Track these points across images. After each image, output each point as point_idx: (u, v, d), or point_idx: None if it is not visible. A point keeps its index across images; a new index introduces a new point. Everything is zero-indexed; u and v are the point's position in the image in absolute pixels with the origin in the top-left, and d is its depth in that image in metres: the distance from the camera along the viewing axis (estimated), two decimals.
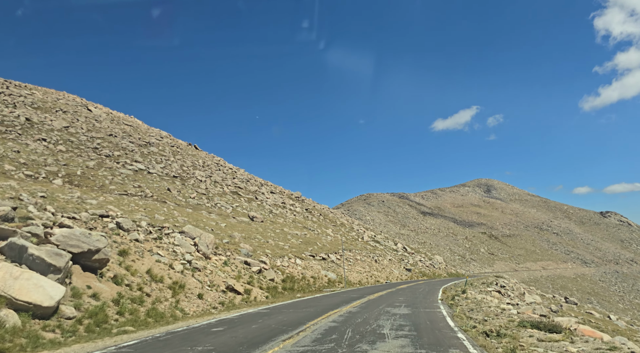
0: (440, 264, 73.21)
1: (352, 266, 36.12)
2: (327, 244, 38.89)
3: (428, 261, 65.66)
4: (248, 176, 74.37)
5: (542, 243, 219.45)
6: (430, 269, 60.67)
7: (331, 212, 76.34)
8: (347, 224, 67.28)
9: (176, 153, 66.79)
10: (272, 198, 63.61)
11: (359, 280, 33.10)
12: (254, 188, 65.67)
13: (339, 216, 73.43)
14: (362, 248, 46.99)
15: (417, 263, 59.03)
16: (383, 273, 41.54)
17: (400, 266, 49.31)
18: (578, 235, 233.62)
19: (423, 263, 61.47)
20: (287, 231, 39.19)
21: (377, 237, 67.91)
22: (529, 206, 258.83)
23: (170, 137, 78.65)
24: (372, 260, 45.25)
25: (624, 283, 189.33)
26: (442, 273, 62.71)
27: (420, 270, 53.71)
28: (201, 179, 57.41)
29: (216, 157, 79.80)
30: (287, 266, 29.08)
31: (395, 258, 52.31)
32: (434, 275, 55.44)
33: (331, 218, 66.53)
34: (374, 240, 61.24)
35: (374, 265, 42.53)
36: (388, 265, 47.21)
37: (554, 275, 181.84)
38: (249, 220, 39.74)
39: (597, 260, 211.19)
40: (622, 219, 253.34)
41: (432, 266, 63.56)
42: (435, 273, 58.64)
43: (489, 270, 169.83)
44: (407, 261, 55.35)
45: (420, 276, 49.53)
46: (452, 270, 75.99)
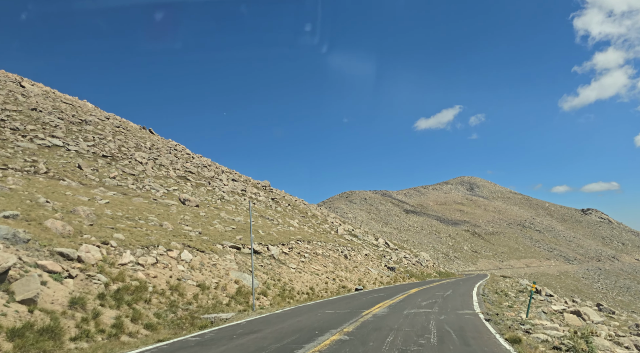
0: (428, 262, 63.33)
1: (305, 263, 23.97)
2: (277, 233, 28.05)
3: (414, 259, 55.58)
4: (208, 162, 63.17)
5: (525, 241, 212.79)
6: (418, 267, 50.60)
7: (304, 204, 65.63)
8: (320, 216, 56.79)
9: (118, 134, 55.28)
10: (231, 185, 52.63)
11: (309, 286, 20.56)
12: (210, 174, 54.57)
13: (312, 208, 62.74)
14: (331, 240, 36.27)
15: (402, 260, 48.78)
16: (354, 273, 29.69)
17: (381, 263, 38.74)
18: (560, 232, 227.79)
19: (409, 261, 51.33)
20: (225, 216, 28.22)
21: (355, 231, 57.56)
22: (511, 203, 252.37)
23: (119, 118, 66.98)
24: (340, 255, 33.07)
25: (607, 280, 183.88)
26: (432, 272, 52.75)
27: (405, 268, 43.39)
28: (141, 161, 46.16)
29: (173, 142, 68.39)
30: (148, 264, 15.96)
31: (375, 255, 41.75)
32: (422, 274, 45.39)
33: (302, 209, 55.89)
34: (350, 234, 50.99)
35: (341, 262, 30.82)
36: (363, 262, 35.35)
37: (537, 272, 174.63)
38: (179, 203, 29.06)
39: (579, 257, 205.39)
40: (603, 217, 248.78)
41: (419, 264, 53.56)
42: (424, 273, 48.57)
43: (472, 267, 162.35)
44: (390, 258, 44.97)
45: (407, 277, 40.11)
46: (441, 269, 66.25)
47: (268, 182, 65.96)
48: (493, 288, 26.79)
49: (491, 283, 37.90)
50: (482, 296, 21.26)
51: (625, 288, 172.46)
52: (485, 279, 43.67)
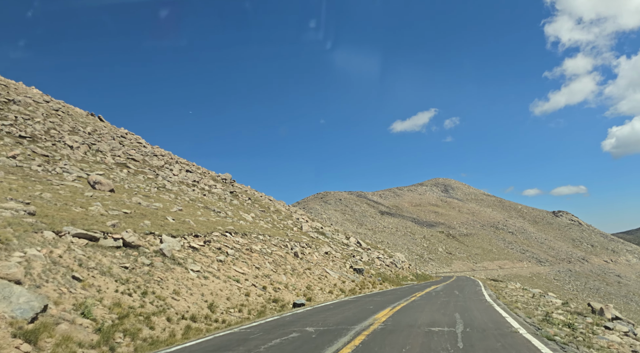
0: (403, 263, 57.61)
1: (223, 264, 16.74)
2: (199, 222, 20.93)
3: (388, 259, 49.68)
4: (161, 152, 55.87)
5: (499, 242, 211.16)
6: (392, 269, 44.64)
7: (269, 200, 58.98)
8: (284, 212, 50.36)
9: (53, 116, 47.57)
10: (182, 175, 45.66)
11: (210, 302, 13.27)
12: (159, 163, 47.43)
13: (277, 204, 56.17)
14: (286, 236, 29.87)
15: (374, 261, 42.54)
16: (303, 278, 22.77)
17: (345, 264, 32.08)
18: (532, 234, 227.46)
19: (382, 262, 45.31)
20: (141, 202, 21.38)
21: (323, 229, 51.37)
22: (485, 205, 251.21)
23: (62, 103, 58.96)
24: (288, 252, 25.38)
25: (577, 281, 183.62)
26: (408, 275, 46.97)
27: (378, 270, 37.08)
28: (70, 145, 38.77)
29: (124, 130, 60.75)
30: None
31: (342, 254, 35.27)
32: (397, 278, 39.44)
33: (264, 204, 49.33)
34: (317, 231, 44.83)
35: (288, 262, 23.62)
36: (321, 262, 27.66)
37: (510, 274, 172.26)
38: (88, 187, 22.24)
39: (551, 259, 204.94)
40: (573, 219, 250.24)
41: (393, 266, 47.69)
42: (400, 275, 42.67)
43: (446, 269, 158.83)
44: (360, 258, 38.63)
45: (379, 282, 33.40)
46: (417, 271, 60.69)
47: (229, 175, 59.06)
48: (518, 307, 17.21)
49: (495, 291, 29.00)
50: (536, 330, 10.40)
51: (595, 289, 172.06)
52: (480, 287, 34.31)
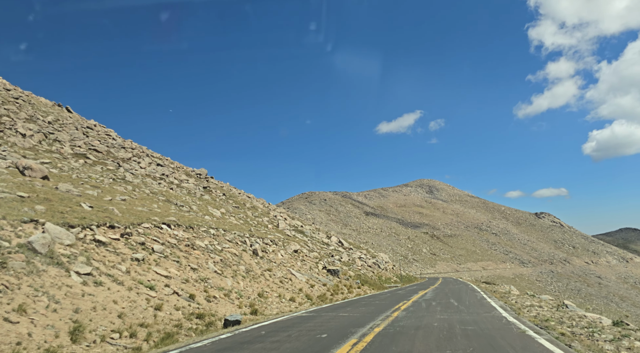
0: (387, 264, 54.72)
1: (142, 264, 13.02)
2: (130, 211, 17.28)
3: (371, 260, 46.65)
4: (131, 145, 52.11)
5: (482, 244, 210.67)
6: (375, 271, 41.53)
7: (248, 197, 55.60)
8: (262, 209, 47.07)
9: (9, 104, 43.53)
10: (150, 168, 42.05)
11: (81, 321, 8.43)
12: (126, 155, 43.76)
13: (255, 201, 52.81)
14: (253, 231, 26.61)
15: (355, 261, 39.20)
16: (258, 281, 18.78)
17: (318, 265, 27.92)
18: (515, 235, 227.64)
19: (364, 262, 42.15)
20: (68, 189, 17.92)
21: (304, 227, 48.22)
22: (469, 206, 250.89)
23: (27, 93, 54.74)
24: (245, 250, 21.33)
25: (559, 282, 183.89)
26: (392, 277, 43.97)
27: (358, 271, 33.64)
28: (23, 133, 34.93)
29: (93, 121, 56.75)
30: None
31: (319, 253, 31.83)
32: (380, 280, 36.33)
33: (239, 201, 45.96)
34: (296, 230, 41.64)
35: (242, 262, 19.68)
36: (287, 262, 23.47)
37: (494, 275, 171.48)
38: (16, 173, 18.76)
39: (533, 260, 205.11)
40: (555, 220, 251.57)
41: (376, 267, 44.66)
42: (383, 277, 39.54)
43: (431, 270, 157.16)
44: (339, 257, 35.36)
45: (357, 286, 29.20)
46: (401, 272, 57.75)
47: (205, 170, 55.51)
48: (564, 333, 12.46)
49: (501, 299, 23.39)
50: None
51: (576, 290, 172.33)
52: (480, 293, 28.51)
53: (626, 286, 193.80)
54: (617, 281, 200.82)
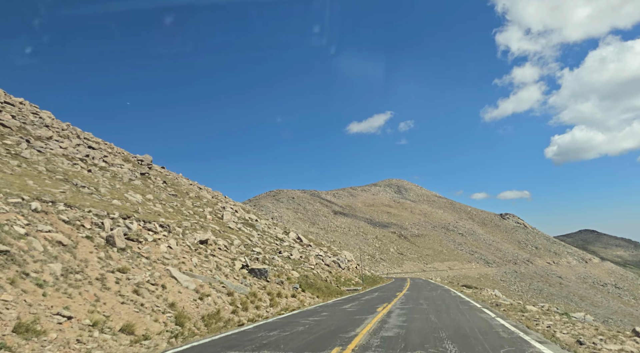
0: (350, 262, 49.64)
1: None
2: None
3: (331, 258, 41.29)
4: (61, 126, 44.93)
5: (449, 243, 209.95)
6: (333, 270, 36.00)
7: (199, 188, 49.32)
8: (209, 199, 41.07)
9: None
10: (72, 149, 35.42)
11: None
12: (47, 134, 36.86)
13: (205, 192, 46.62)
14: (192, 220, 21.05)
15: (308, 259, 32.97)
16: (66, 295, 9.95)
17: (235, 264, 20.27)
18: (481, 235, 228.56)
19: (321, 260, 36.53)
20: None
21: (258, 221, 42.50)
22: (436, 207, 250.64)
23: None
24: (92, 236, 13.47)
25: (522, 282, 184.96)
26: (353, 277, 38.57)
27: (307, 271, 27.14)
28: None
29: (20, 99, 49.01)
30: None
31: (239, 249, 25.08)
32: (337, 281, 30.58)
33: (182, 190, 39.80)
34: (246, 223, 35.91)
35: (65, 258, 11.50)
36: (172, 258, 15.92)
37: (459, 275, 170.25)
38: None
39: (498, 260, 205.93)
40: (519, 221, 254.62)
41: (335, 266, 39.33)
42: (341, 278, 34.01)
43: (398, 270, 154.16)
44: (289, 254, 29.45)
45: (293, 293, 21.79)
46: (367, 271, 52.73)
47: (149, 157, 48.91)
48: None
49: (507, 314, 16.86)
50: None
51: (539, 290, 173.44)
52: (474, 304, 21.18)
53: (585, 286, 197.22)
54: (577, 281, 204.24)
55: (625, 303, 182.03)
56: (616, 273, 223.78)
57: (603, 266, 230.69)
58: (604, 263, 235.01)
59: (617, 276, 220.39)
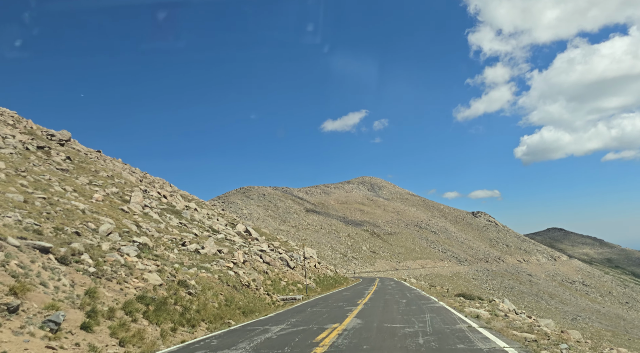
0: (310, 260, 41.61)
1: None
2: None
3: (280, 254, 33.24)
4: None
5: (421, 242, 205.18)
6: (273, 270, 27.65)
7: (131, 173, 40.42)
8: (132, 182, 32.48)
9: None
10: None
11: None
12: None
13: (128, 175, 37.71)
14: None
15: (231, 255, 24.54)
16: None
17: None
18: (453, 233, 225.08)
19: (259, 257, 28.07)
20: None
21: (199, 210, 34.06)
22: (409, 205, 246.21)
23: None
24: None
25: (494, 280, 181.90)
26: (299, 280, 29.71)
27: (217, 272, 19.65)
28: None
29: None
30: None
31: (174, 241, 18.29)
32: (275, 284, 22.76)
33: (89, 168, 31.08)
34: (167, 210, 27.66)
35: None
36: None
37: (432, 273, 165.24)
38: None
39: (470, 259, 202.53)
40: (490, 220, 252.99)
41: (282, 264, 30.93)
42: (282, 281, 25.39)
43: (370, 268, 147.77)
44: (200, 247, 21.73)
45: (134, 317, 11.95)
46: (329, 272, 44.54)
47: (68, 134, 39.66)
48: None
49: None
50: None
51: (510, 288, 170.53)
52: None
53: (554, 284, 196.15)
54: (547, 279, 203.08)
55: (592, 300, 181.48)
56: (583, 270, 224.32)
57: (571, 263, 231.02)
58: (571, 260, 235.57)
59: (584, 273, 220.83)
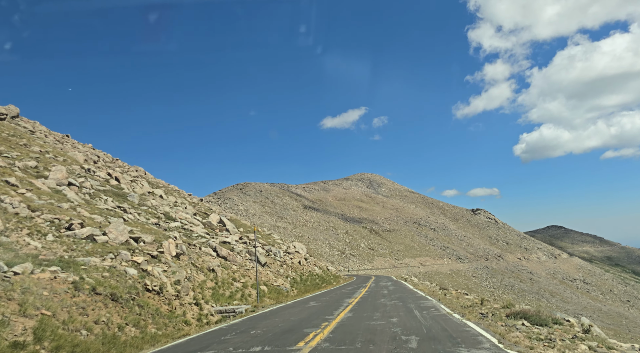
0: (293, 256, 35.57)
1: None
2: None
3: (247, 249, 27.38)
4: None
5: (421, 239, 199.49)
6: (225, 270, 21.81)
7: (71, 145, 34.62)
8: (75, 159, 26.72)
9: None
10: None
11: None
12: None
13: (73, 152, 31.88)
14: None
15: (128, 250, 18.86)
16: None
17: None
18: (453, 231, 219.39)
19: (211, 253, 22.63)
20: None
21: (161, 199, 28.31)
22: (408, 201, 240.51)
23: None
24: None
25: (494, 278, 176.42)
26: (272, 280, 24.11)
27: (100, 278, 13.73)
28: None
29: None
30: None
31: None
32: (216, 291, 17.15)
33: (20, 144, 25.37)
34: (115, 192, 22.03)
35: None
36: None
37: (431, 271, 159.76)
38: None
39: (469, 256, 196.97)
40: (490, 217, 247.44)
41: (247, 261, 25.26)
42: (233, 283, 19.49)
43: (368, 266, 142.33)
44: None
45: None
46: (317, 270, 37.62)
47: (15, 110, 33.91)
48: None
49: None
50: None
51: (510, 286, 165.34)
52: None
53: (555, 282, 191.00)
54: (547, 276, 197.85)
55: (593, 298, 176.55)
56: (584, 268, 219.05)
57: (571, 261, 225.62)
58: (572, 258, 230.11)
59: (585, 271, 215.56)
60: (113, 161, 41.65)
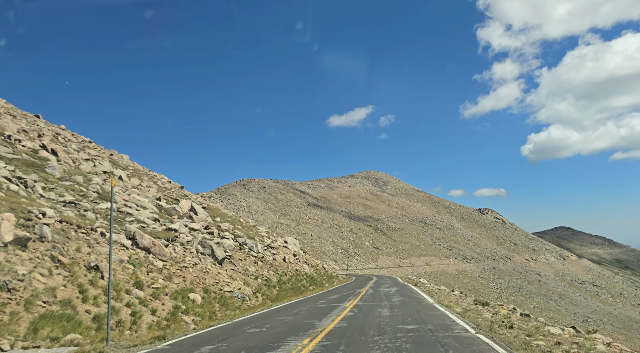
0: (278, 251, 29.74)
1: None
2: None
3: (208, 240, 21.29)
4: None
5: (426, 238, 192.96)
6: (163, 270, 16.37)
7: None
8: (27, 143, 21.36)
9: None
10: None
11: None
12: None
13: (28, 124, 26.54)
14: None
15: None
16: None
17: None
18: (459, 230, 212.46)
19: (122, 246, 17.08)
20: None
21: (121, 181, 22.83)
22: (414, 200, 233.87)
23: None
24: None
25: (501, 279, 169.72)
26: (231, 284, 18.23)
27: None
28: None
29: None
30: None
31: None
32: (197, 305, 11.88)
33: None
34: (27, 162, 16.86)
35: None
36: None
37: (437, 271, 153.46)
38: None
39: (476, 256, 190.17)
40: (498, 217, 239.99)
41: (192, 256, 19.62)
42: (165, 289, 13.91)
43: (372, 265, 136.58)
44: None
45: None
46: (306, 268, 31.50)
47: None
48: None
49: None
50: None
51: (517, 287, 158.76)
52: None
53: (564, 284, 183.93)
54: (556, 278, 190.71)
55: (603, 301, 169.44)
56: (593, 270, 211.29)
57: (580, 263, 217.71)
58: (581, 260, 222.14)
59: (594, 273, 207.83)
60: (83, 142, 36.26)
